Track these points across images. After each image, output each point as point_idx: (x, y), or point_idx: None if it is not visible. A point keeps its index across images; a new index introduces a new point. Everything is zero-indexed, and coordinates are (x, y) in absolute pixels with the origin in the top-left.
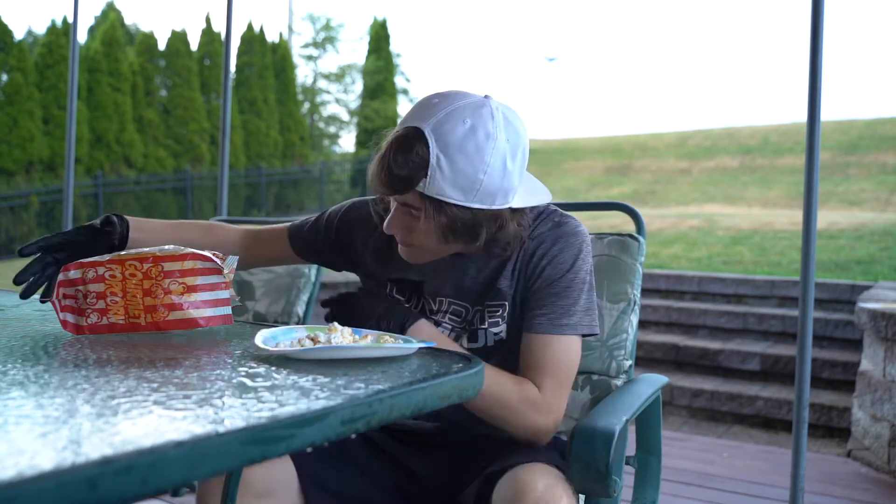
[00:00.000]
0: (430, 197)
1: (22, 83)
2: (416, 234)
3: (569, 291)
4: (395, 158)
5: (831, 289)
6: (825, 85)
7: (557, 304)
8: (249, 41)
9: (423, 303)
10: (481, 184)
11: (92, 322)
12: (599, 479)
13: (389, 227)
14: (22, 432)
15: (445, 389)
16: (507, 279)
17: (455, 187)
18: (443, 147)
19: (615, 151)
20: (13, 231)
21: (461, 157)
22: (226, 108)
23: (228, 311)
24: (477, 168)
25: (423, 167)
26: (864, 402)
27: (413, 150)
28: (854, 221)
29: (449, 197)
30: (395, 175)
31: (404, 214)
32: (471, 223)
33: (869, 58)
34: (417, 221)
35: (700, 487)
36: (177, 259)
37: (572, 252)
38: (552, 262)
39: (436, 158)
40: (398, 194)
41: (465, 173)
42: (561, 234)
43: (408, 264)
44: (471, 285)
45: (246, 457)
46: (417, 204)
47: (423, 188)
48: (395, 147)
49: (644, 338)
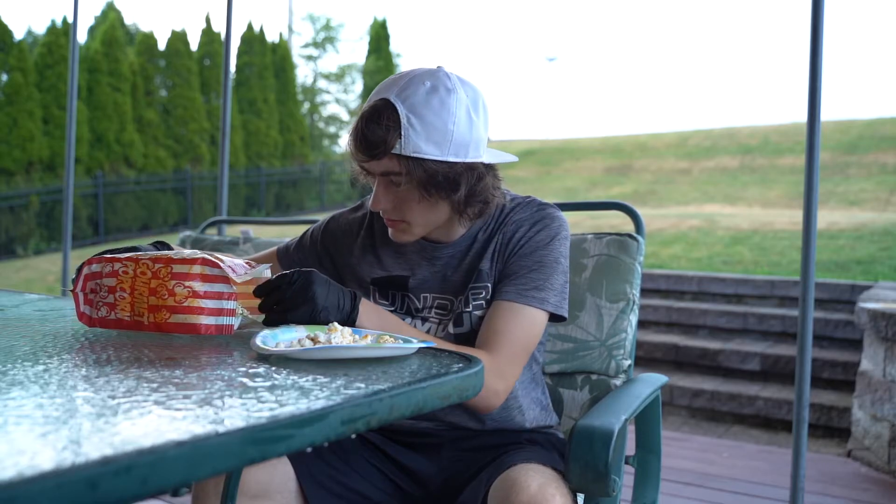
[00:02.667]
0: (408, 157)
1: (22, 83)
2: (402, 203)
3: (541, 266)
4: (369, 126)
5: (831, 289)
6: (825, 85)
7: (528, 277)
8: (249, 41)
9: (407, 301)
10: (452, 135)
11: (101, 316)
12: (598, 478)
13: (375, 203)
14: (22, 432)
15: (445, 389)
16: (489, 261)
17: (429, 142)
18: (410, 108)
19: (615, 151)
20: (13, 231)
21: (429, 112)
22: (226, 108)
23: (231, 322)
24: (445, 120)
25: (396, 128)
26: (864, 402)
27: (383, 115)
28: (854, 221)
29: (425, 153)
30: (372, 141)
31: (387, 187)
32: (450, 174)
33: (869, 58)
34: (402, 189)
35: (700, 487)
36: (187, 263)
37: (549, 232)
38: (529, 240)
39: (406, 119)
40: (376, 159)
41: (435, 126)
42: (540, 216)
43: (391, 263)
44: (453, 276)
45: (246, 457)
46: (397, 168)
47: (400, 149)
48: (366, 118)
49: (644, 338)
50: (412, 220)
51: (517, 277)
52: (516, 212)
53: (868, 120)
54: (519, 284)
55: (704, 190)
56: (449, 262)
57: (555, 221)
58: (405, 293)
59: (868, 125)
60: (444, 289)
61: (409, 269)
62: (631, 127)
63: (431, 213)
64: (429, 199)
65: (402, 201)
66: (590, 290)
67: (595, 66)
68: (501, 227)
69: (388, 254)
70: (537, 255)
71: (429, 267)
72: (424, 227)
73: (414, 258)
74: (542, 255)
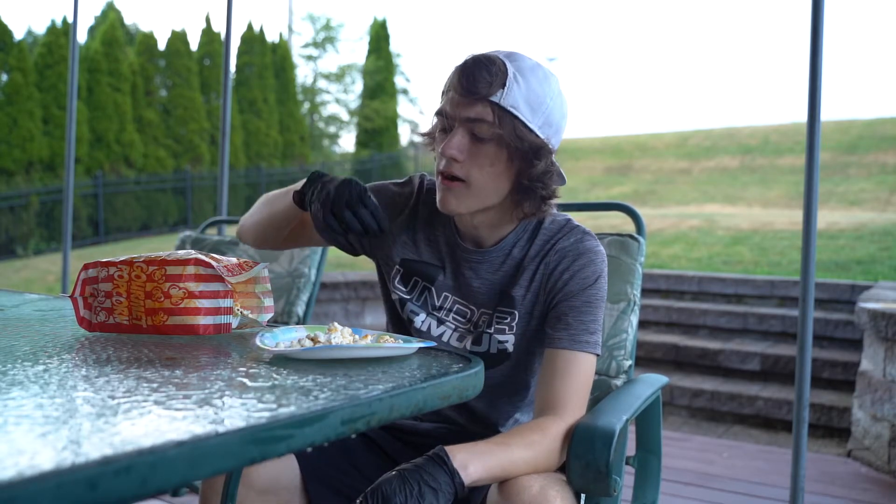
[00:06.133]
0: (504, 108)
1: (22, 83)
2: (474, 159)
3: (589, 308)
4: (478, 67)
5: (831, 289)
6: (825, 85)
7: (579, 320)
8: (249, 41)
9: (426, 295)
10: (548, 108)
11: (101, 320)
12: (599, 478)
13: (450, 148)
14: (22, 432)
15: (445, 389)
16: (522, 288)
17: (527, 104)
18: (517, 68)
19: (615, 151)
20: (13, 231)
21: (533, 78)
22: (226, 108)
23: (228, 321)
24: (546, 92)
25: (502, 78)
26: (864, 402)
27: (494, 63)
28: (854, 221)
29: (521, 113)
30: (477, 80)
31: (466, 136)
32: (535, 145)
33: (869, 58)
34: (482, 144)
35: (700, 487)
36: (180, 264)
37: (595, 269)
38: (575, 275)
39: (513, 74)
40: (475, 98)
41: (536, 93)
42: (584, 249)
43: (424, 249)
44: (479, 287)
45: (246, 457)
46: (490, 116)
47: (500, 98)
48: (475, 60)
49: (644, 338)
50: (475, 181)
51: (568, 321)
52: (559, 239)
53: (868, 120)
54: (571, 329)
55: (704, 190)
56: (478, 270)
57: (599, 257)
58: (428, 285)
59: (868, 125)
60: (466, 295)
61: (439, 262)
62: (631, 127)
63: (494, 183)
64: (503, 163)
65: (474, 156)
66: None
67: (595, 66)
68: (542, 254)
69: (423, 241)
70: (586, 294)
71: (457, 268)
72: (480, 198)
73: (445, 256)
74: (590, 295)
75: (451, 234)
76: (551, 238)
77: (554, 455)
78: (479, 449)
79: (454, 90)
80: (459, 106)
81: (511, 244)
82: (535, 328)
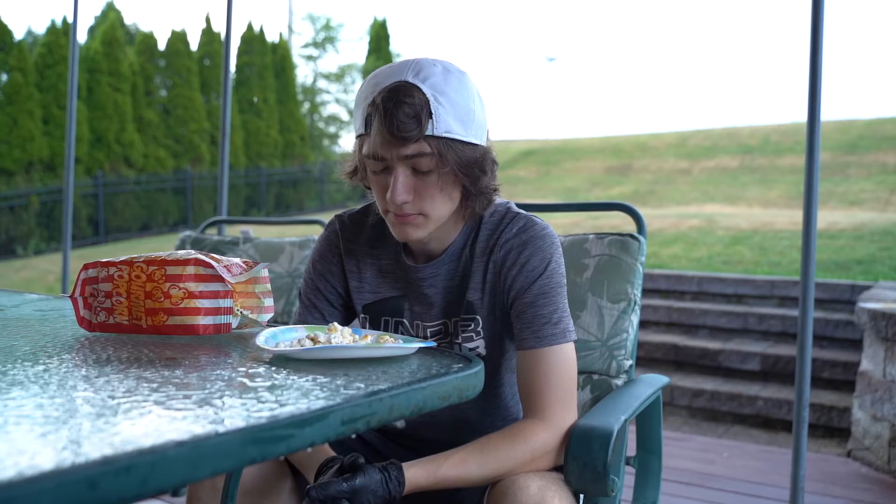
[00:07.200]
0: (440, 137)
1: (22, 83)
2: (422, 192)
3: (545, 298)
4: (398, 108)
5: (831, 289)
6: (825, 85)
7: (538, 314)
8: (249, 41)
9: (401, 329)
10: (474, 114)
11: (101, 320)
12: (597, 478)
13: (400, 194)
14: (22, 432)
15: (445, 389)
16: (478, 291)
17: (457, 120)
18: (432, 86)
19: (615, 151)
20: (13, 231)
21: (451, 91)
22: (226, 108)
23: (228, 321)
24: (466, 98)
25: (427, 109)
26: (864, 402)
27: (411, 95)
28: (854, 221)
29: (455, 133)
30: (404, 123)
31: (410, 176)
32: (477, 157)
33: (869, 58)
34: (426, 177)
35: (700, 487)
36: (180, 264)
37: (543, 255)
38: (523, 269)
39: (433, 97)
40: (411, 142)
41: (459, 105)
42: (527, 238)
43: (379, 283)
44: (443, 300)
45: (246, 457)
46: (427, 149)
47: (433, 129)
48: (393, 102)
49: (644, 338)
50: (431, 211)
51: (528, 319)
52: (501, 231)
53: (868, 120)
54: (534, 326)
55: (704, 190)
56: (435, 283)
57: (545, 241)
58: (399, 319)
59: (868, 125)
60: (435, 315)
61: (400, 291)
62: (631, 127)
63: (447, 202)
64: (450, 184)
65: (422, 190)
66: (591, 291)
67: (595, 66)
68: (488, 250)
69: (373, 276)
70: (537, 286)
71: (416, 291)
72: (438, 220)
73: (401, 280)
74: (542, 286)
75: (397, 255)
76: (494, 231)
77: (539, 461)
78: (433, 461)
79: (381, 135)
80: (392, 147)
81: (460, 246)
82: (503, 328)
